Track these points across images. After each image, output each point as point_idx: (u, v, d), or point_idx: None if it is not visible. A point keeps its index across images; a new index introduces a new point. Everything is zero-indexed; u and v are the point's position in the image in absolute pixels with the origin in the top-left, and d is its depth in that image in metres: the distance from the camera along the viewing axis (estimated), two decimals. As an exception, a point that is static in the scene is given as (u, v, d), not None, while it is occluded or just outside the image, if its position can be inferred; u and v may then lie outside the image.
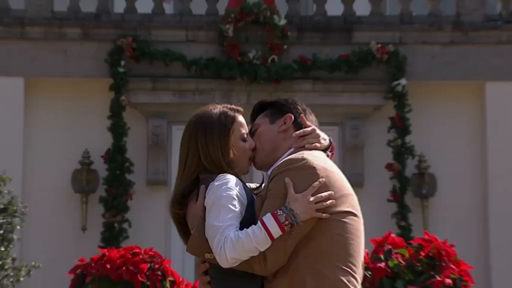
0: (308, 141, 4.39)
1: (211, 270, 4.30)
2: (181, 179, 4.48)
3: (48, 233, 13.72)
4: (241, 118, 4.48)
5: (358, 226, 4.31)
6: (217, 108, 4.49)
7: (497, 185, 13.91)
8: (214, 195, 4.24)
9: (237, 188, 4.27)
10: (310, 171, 4.18)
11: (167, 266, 9.22)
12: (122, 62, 14.05)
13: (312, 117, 4.59)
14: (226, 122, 4.42)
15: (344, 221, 4.20)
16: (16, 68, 14.10)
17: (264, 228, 4.06)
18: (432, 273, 8.83)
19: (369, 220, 13.70)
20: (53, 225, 13.80)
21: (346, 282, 4.11)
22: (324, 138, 4.48)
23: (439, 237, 13.43)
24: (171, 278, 9.17)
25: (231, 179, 4.30)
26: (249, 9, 14.23)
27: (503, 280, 13.69)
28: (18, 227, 10.96)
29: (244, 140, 4.47)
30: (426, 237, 9.25)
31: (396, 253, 8.92)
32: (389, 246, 9.02)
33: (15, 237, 10.87)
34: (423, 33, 14.49)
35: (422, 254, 8.94)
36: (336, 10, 14.68)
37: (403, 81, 14.02)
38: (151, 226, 13.80)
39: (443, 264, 8.91)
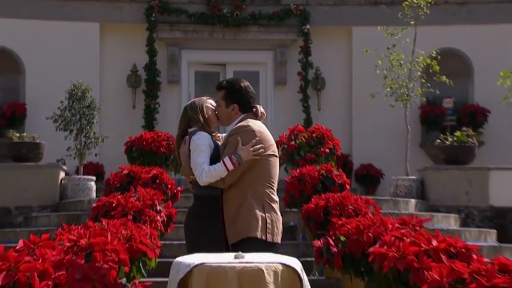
0: (261, 117, 4.35)
1: (193, 182, 4.31)
2: (179, 131, 4.47)
3: (113, 112, 13.54)
4: (209, 100, 4.47)
5: (276, 162, 4.27)
6: (196, 99, 4.54)
7: (358, 84, 13.80)
8: (195, 144, 4.23)
9: (208, 140, 4.26)
10: (251, 133, 4.13)
11: (177, 141, 9.54)
12: (153, 14, 13.93)
13: (252, 89, 4.41)
14: (201, 101, 4.44)
15: (269, 160, 4.19)
16: (94, 17, 13.86)
17: (224, 165, 4.07)
18: (319, 146, 8.94)
19: (288, 103, 14.33)
20: (116, 107, 13.70)
21: (268, 192, 4.16)
22: (263, 113, 4.41)
23: (325, 113, 13.97)
24: (179, 149, 9.54)
25: (205, 135, 4.28)
26: (224, -16, 14.13)
27: (361, 144, 13.79)
28: (96, 116, 10.86)
29: (212, 108, 4.42)
30: (317, 126, 9.30)
31: (300, 135, 9.05)
32: (297, 132, 9.15)
33: (94, 121, 10.81)
34: (319, -1, 14.43)
35: (314, 135, 9.05)
36: (272, -15, 14.51)
37: (307, 26, 14.05)
38: (170, 106, 13.73)
39: (325, 141, 9.02)
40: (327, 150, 8.90)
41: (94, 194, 10.36)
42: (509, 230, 10.46)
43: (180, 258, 3.50)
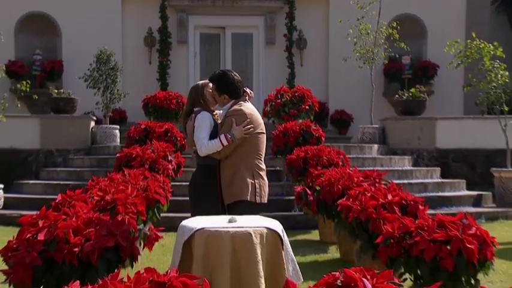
0: (250, 98, 4.24)
1: (196, 152, 4.21)
2: (186, 107, 4.39)
3: (133, 68, 13.28)
4: (210, 84, 4.27)
5: (264, 137, 4.19)
6: (200, 82, 4.39)
7: (334, 45, 13.42)
8: (198, 122, 4.15)
9: (209, 119, 4.19)
10: (243, 116, 4.06)
11: (185, 98, 9.10)
12: (165, -15, 13.51)
13: (239, 78, 4.22)
14: (203, 85, 4.30)
15: (258, 137, 4.12)
16: (116, -12, 13.44)
17: (220, 141, 4.03)
18: (300, 103, 8.94)
19: (276, 60, 14.10)
20: (135, 63, 13.38)
21: (257, 162, 4.09)
22: (251, 94, 4.30)
23: (306, 68, 13.77)
24: (186, 105, 9.38)
25: (206, 114, 4.20)
26: (223, -40, 13.54)
27: (336, 94, 13.56)
28: (119, 76, 10.64)
29: (211, 93, 4.24)
30: (299, 87, 9.26)
31: (285, 94, 9.02)
32: (282, 91, 9.13)
33: (118, 80, 10.59)
34: (302, -27, 13.79)
35: (296, 94, 9.02)
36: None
37: (293, -5, 13.65)
38: (180, 62, 13.54)
39: (305, 99, 9.02)
40: (307, 107, 8.84)
41: (118, 140, 10.34)
42: (450, 167, 10.56)
43: (184, 222, 3.51)
